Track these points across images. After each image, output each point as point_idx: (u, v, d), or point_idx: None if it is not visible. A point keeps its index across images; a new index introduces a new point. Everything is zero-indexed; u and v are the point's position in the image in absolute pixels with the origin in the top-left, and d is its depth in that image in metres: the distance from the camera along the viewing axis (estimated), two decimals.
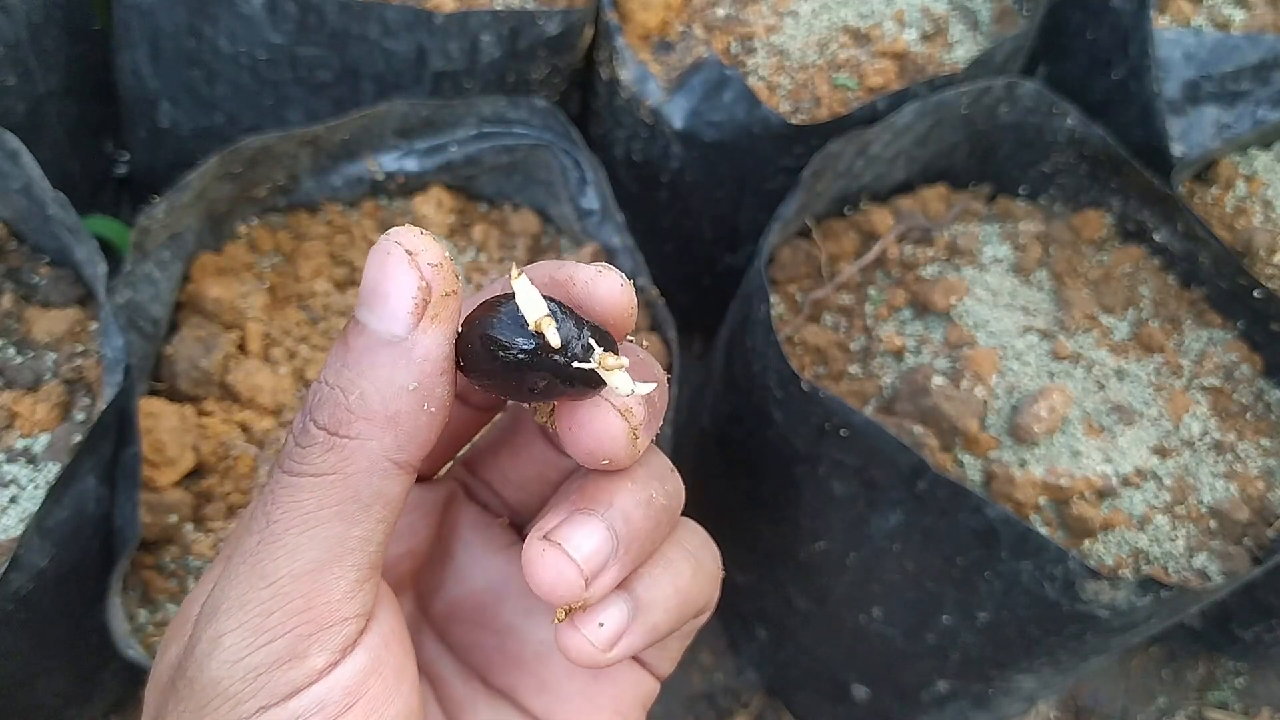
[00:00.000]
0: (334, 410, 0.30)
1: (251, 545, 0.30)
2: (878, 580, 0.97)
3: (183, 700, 0.30)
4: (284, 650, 0.29)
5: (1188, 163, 1.14)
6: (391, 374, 0.30)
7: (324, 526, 0.30)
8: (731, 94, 1.09)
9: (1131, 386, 1.01)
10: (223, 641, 0.29)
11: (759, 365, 0.98)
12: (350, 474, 0.30)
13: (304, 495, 0.30)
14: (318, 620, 0.30)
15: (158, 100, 1.13)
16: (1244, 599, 1.18)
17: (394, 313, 0.30)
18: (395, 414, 0.30)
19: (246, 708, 0.29)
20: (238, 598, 0.30)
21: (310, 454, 0.30)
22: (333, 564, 0.30)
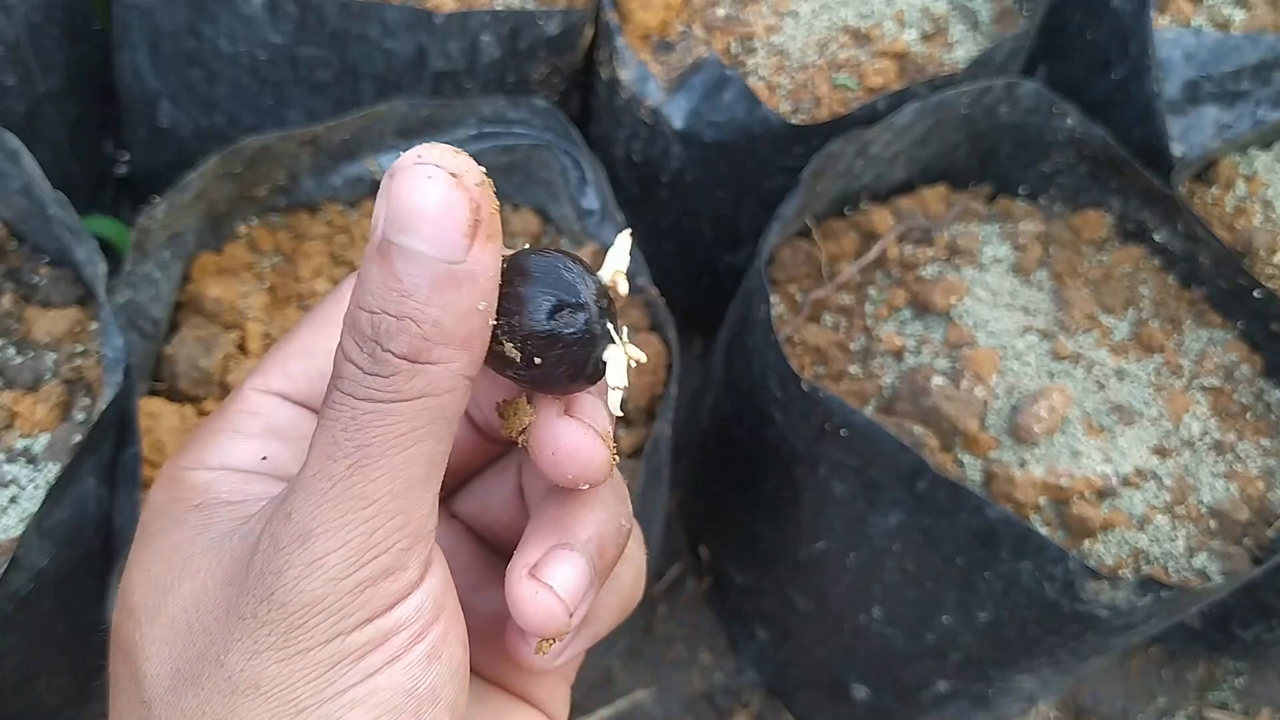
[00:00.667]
0: (410, 340, 0.30)
1: (340, 471, 0.30)
2: (878, 580, 0.97)
3: (263, 625, 0.31)
4: (389, 563, 0.31)
5: (1188, 163, 1.14)
6: (459, 297, 0.30)
7: (417, 447, 0.31)
8: (731, 94, 1.09)
9: (1131, 386, 1.01)
10: (326, 562, 0.30)
11: (759, 365, 0.98)
12: (439, 394, 0.31)
13: (395, 419, 0.30)
14: (413, 534, 0.32)
15: (158, 100, 1.13)
16: (1244, 599, 1.18)
17: (451, 239, 0.30)
18: (470, 335, 0.31)
19: (352, 620, 0.31)
20: (337, 520, 0.30)
21: (396, 381, 0.30)
22: (424, 480, 0.32)
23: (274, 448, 0.38)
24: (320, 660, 0.31)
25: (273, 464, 0.38)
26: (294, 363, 0.39)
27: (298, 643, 0.31)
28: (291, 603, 0.30)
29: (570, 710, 0.45)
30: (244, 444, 0.38)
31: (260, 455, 0.38)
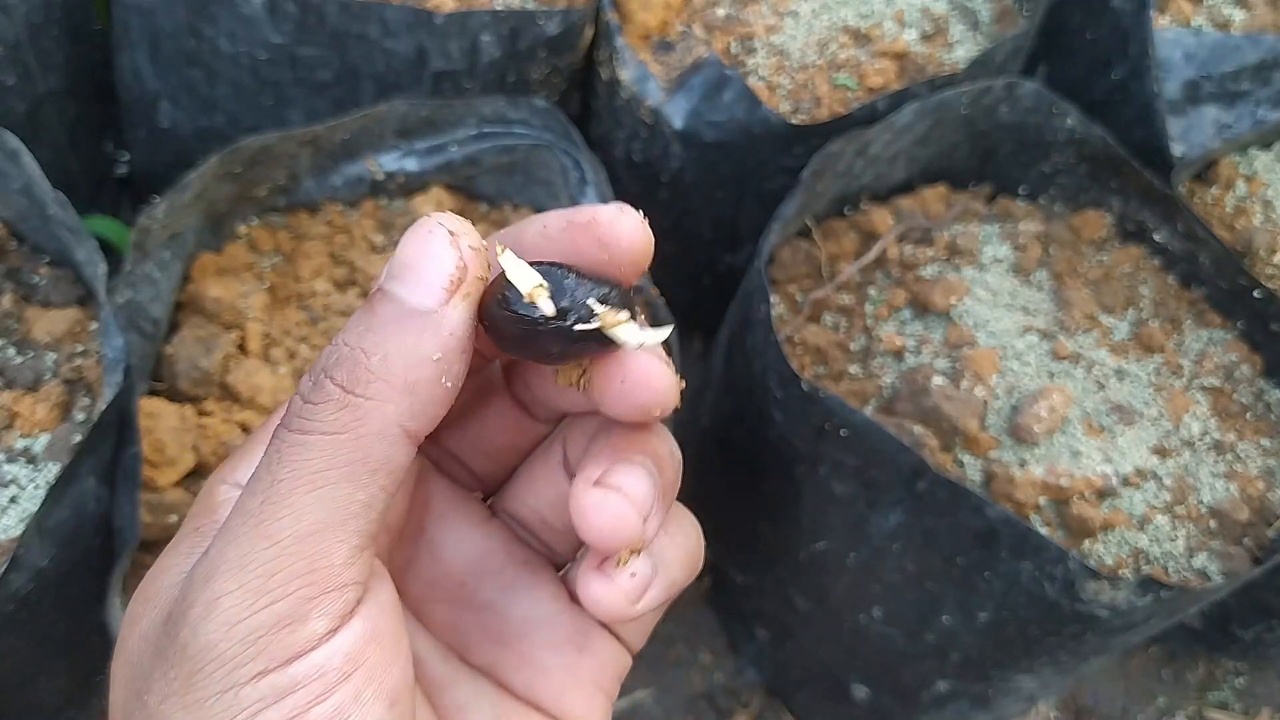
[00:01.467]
0: (353, 369, 0.30)
1: (254, 506, 0.29)
2: (878, 580, 0.97)
3: (172, 667, 0.29)
4: (285, 613, 0.29)
5: (1188, 163, 1.14)
6: (418, 342, 0.30)
7: (331, 488, 0.30)
8: (731, 94, 1.09)
9: (1131, 386, 1.01)
10: (221, 603, 0.29)
11: (759, 365, 0.98)
12: (361, 435, 0.30)
13: (312, 454, 0.30)
14: (320, 584, 0.30)
15: (158, 100, 1.13)
16: (1244, 599, 1.18)
17: (428, 286, 0.30)
18: (415, 381, 0.30)
19: (244, 672, 0.29)
20: (237, 558, 0.29)
21: (322, 411, 0.30)
22: (337, 527, 0.30)
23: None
24: (215, 712, 0.29)
25: None
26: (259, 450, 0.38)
27: (196, 689, 0.29)
28: (190, 645, 0.29)
29: None
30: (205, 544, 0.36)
31: None
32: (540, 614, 0.41)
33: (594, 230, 0.34)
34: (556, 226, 0.34)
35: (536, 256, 0.33)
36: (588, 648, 0.41)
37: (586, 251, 0.34)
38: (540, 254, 0.34)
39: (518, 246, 0.34)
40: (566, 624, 0.41)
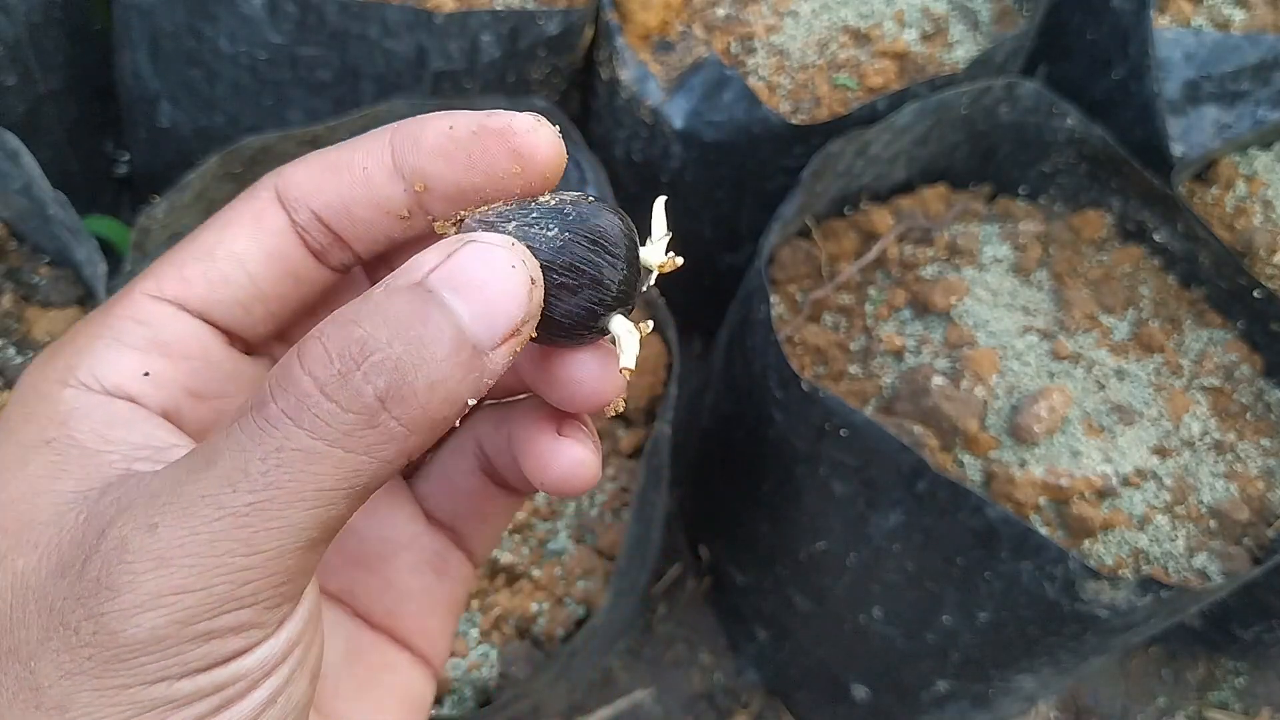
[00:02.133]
0: (397, 386, 0.27)
1: (238, 504, 0.26)
2: (878, 580, 0.97)
3: (85, 645, 0.26)
4: (248, 619, 0.27)
5: (1188, 163, 1.14)
6: (462, 380, 0.28)
7: (330, 508, 0.27)
8: (731, 94, 1.09)
9: (1131, 386, 1.01)
10: (179, 600, 0.26)
11: (759, 365, 0.98)
12: (380, 460, 0.28)
13: (323, 469, 0.27)
14: (286, 593, 0.28)
15: (158, 100, 1.13)
16: (1244, 599, 1.18)
17: (492, 326, 0.28)
18: (442, 420, 0.28)
19: (187, 666, 0.27)
20: (210, 559, 0.26)
21: (349, 422, 0.27)
22: (321, 544, 0.28)
23: (158, 365, 0.32)
24: (139, 700, 0.26)
25: (153, 384, 0.32)
26: (192, 265, 0.33)
27: (119, 676, 0.26)
28: (124, 632, 0.26)
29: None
30: (123, 356, 0.32)
31: (141, 370, 0.32)
32: (400, 536, 0.39)
33: (509, 139, 0.31)
34: (465, 129, 0.32)
35: (438, 158, 0.32)
36: (446, 571, 0.40)
37: (496, 161, 0.32)
38: (443, 156, 0.32)
39: (416, 146, 0.32)
40: (426, 546, 0.40)
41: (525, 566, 0.92)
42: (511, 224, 0.31)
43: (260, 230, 0.33)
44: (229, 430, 0.28)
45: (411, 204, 0.33)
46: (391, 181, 0.33)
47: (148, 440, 0.31)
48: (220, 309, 0.33)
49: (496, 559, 0.92)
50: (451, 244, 0.29)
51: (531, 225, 0.31)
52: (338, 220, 0.34)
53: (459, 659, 0.87)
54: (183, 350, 0.33)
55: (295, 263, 0.34)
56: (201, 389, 0.33)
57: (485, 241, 0.29)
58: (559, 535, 0.95)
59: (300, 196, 0.33)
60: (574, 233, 0.31)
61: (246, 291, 0.33)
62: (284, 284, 0.34)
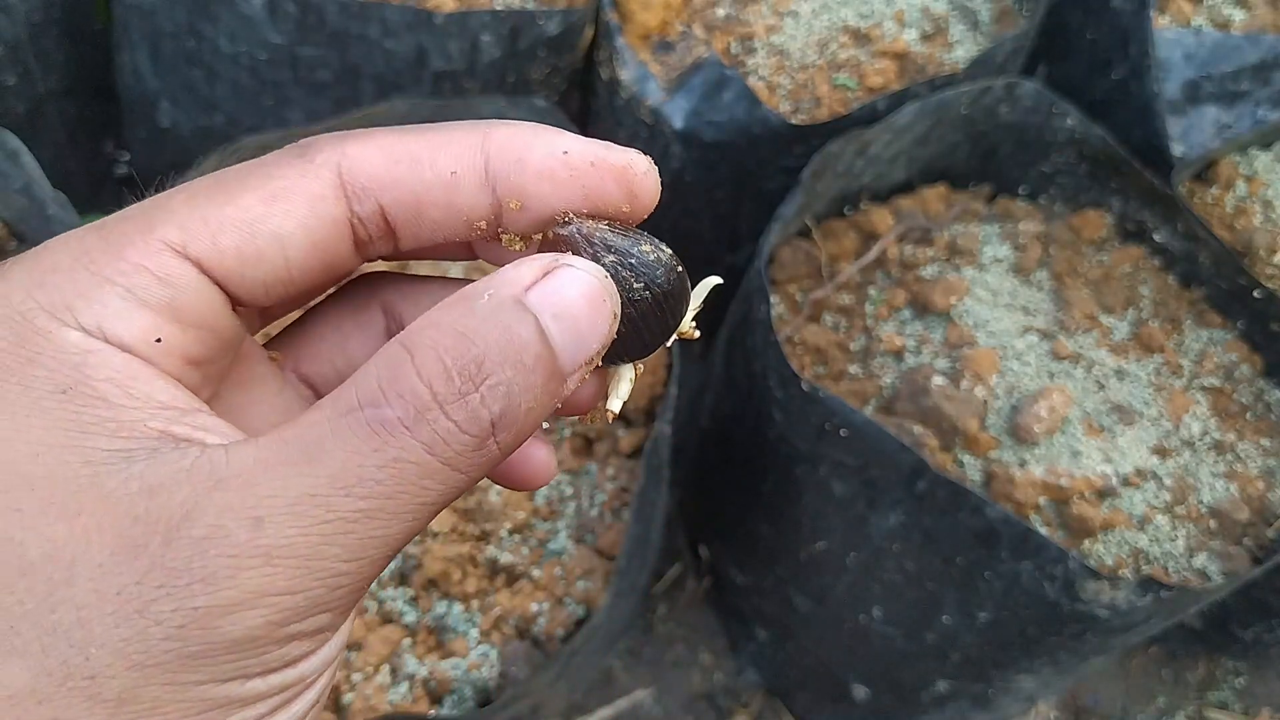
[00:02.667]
0: (509, 415, 0.27)
1: (349, 511, 0.26)
2: (878, 580, 0.97)
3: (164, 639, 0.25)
4: (325, 624, 0.27)
5: (1188, 163, 1.14)
6: (548, 405, 0.29)
7: (421, 521, 0.28)
8: (731, 94, 1.09)
9: (1131, 386, 1.01)
10: (279, 602, 0.26)
11: (759, 365, 0.98)
12: (472, 478, 0.28)
13: (431, 483, 0.27)
14: (354, 601, 0.28)
15: (158, 100, 1.13)
16: (1244, 599, 1.18)
17: (577, 354, 0.29)
18: (520, 444, 0.29)
19: (264, 664, 0.26)
20: (314, 563, 0.26)
21: (465, 444, 0.27)
22: (398, 552, 0.28)
23: (171, 331, 0.29)
24: (210, 697, 0.26)
25: (164, 350, 0.29)
26: (229, 234, 0.30)
27: (196, 672, 0.25)
28: (219, 629, 0.25)
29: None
30: (138, 314, 0.28)
31: (154, 335, 0.29)
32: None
33: (628, 177, 0.32)
34: (582, 159, 0.31)
35: (545, 181, 0.31)
36: None
37: (607, 195, 0.32)
38: (550, 180, 0.31)
39: (521, 165, 0.31)
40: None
41: (525, 566, 0.92)
42: (611, 256, 0.31)
43: (314, 217, 0.31)
44: (332, 425, 0.27)
45: (491, 216, 0.32)
46: (481, 192, 0.32)
47: (172, 401, 0.28)
48: (243, 284, 0.31)
49: (496, 559, 0.92)
50: (547, 262, 0.29)
51: (626, 268, 0.32)
52: (404, 216, 0.32)
53: (459, 659, 0.87)
54: (197, 320, 0.30)
55: (334, 254, 0.32)
56: (200, 356, 0.31)
57: (583, 270, 0.29)
58: (559, 535, 0.95)
59: (370, 187, 0.31)
60: (654, 296, 0.32)
61: (277, 275, 0.31)
62: (314, 273, 0.32)
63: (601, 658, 1.22)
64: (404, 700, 0.85)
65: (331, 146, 0.31)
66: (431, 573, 0.89)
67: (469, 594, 0.90)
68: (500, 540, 0.93)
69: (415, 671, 0.86)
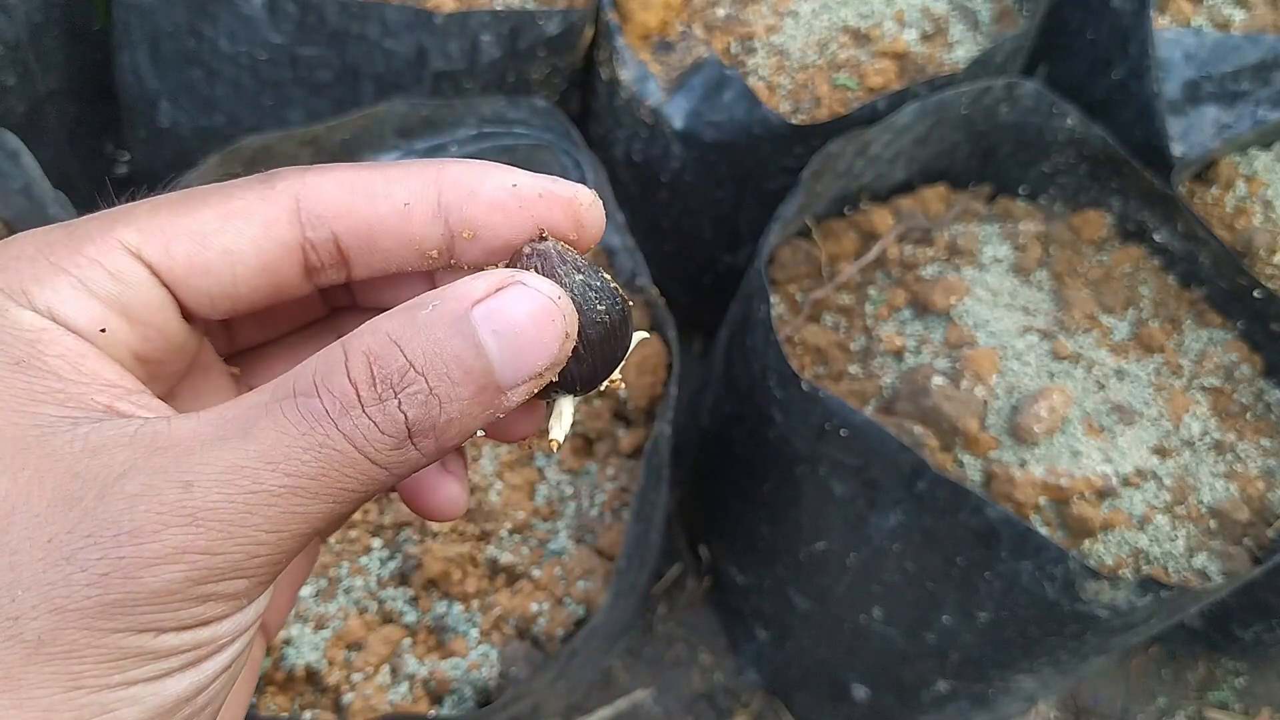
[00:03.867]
0: (425, 417, 0.29)
1: (273, 484, 0.28)
2: (878, 580, 0.97)
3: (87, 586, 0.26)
4: (242, 589, 0.29)
5: (1188, 163, 1.14)
6: (479, 416, 0.30)
7: (343, 506, 0.29)
8: (731, 94, 1.09)
9: (1131, 386, 1.01)
10: (199, 561, 0.27)
11: (759, 365, 0.98)
12: (394, 474, 0.30)
13: (352, 471, 0.29)
14: (275, 573, 0.30)
15: (158, 100, 1.13)
16: (1244, 599, 1.18)
17: (519, 370, 0.30)
18: (450, 449, 0.30)
19: (179, 620, 0.28)
20: (237, 527, 0.28)
21: (383, 443, 0.29)
22: (320, 533, 0.30)
23: (117, 324, 0.31)
24: (123, 646, 0.27)
25: (109, 340, 0.31)
26: (182, 243, 0.32)
27: (113, 620, 0.27)
28: (140, 579, 0.26)
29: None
30: (86, 303, 0.31)
31: (100, 325, 0.31)
32: None
33: (575, 208, 0.34)
34: (530, 191, 0.33)
35: (495, 212, 0.33)
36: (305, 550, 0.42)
37: (555, 224, 0.34)
38: (501, 211, 0.33)
39: (473, 197, 0.33)
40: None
41: (525, 566, 0.92)
42: (580, 275, 0.33)
43: (267, 238, 0.33)
44: (268, 407, 0.29)
45: (443, 246, 0.34)
46: (433, 222, 0.33)
47: (118, 380, 0.31)
48: (190, 292, 0.33)
49: (496, 559, 0.92)
50: (502, 279, 0.30)
51: (592, 290, 0.33)
52: (357, 245, 0.34)
53: (459, 659, 0.87)
54: (143, 317, 0.32)
55: (284, 277, 0.34)
56: (147, 354, 0.33)
57: (535, 287, 0.30)
58: (559, 535, 0.95)
59: (325, 215, 0.33)
60: (611, 320, 0.33)
61: (224, 289, 0.33)
62: (262, 293, 0.34)
63: (601, 658, 1.22)
64: (404, 700, 0.85)
65: (293, 176, 0.34)
66: (431, 573, 0.89)
67: (469, 594, 0.90)
68: (500, 540, 0.93)
69: (415, 671, 0.86)
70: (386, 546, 0.92)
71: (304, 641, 0.86)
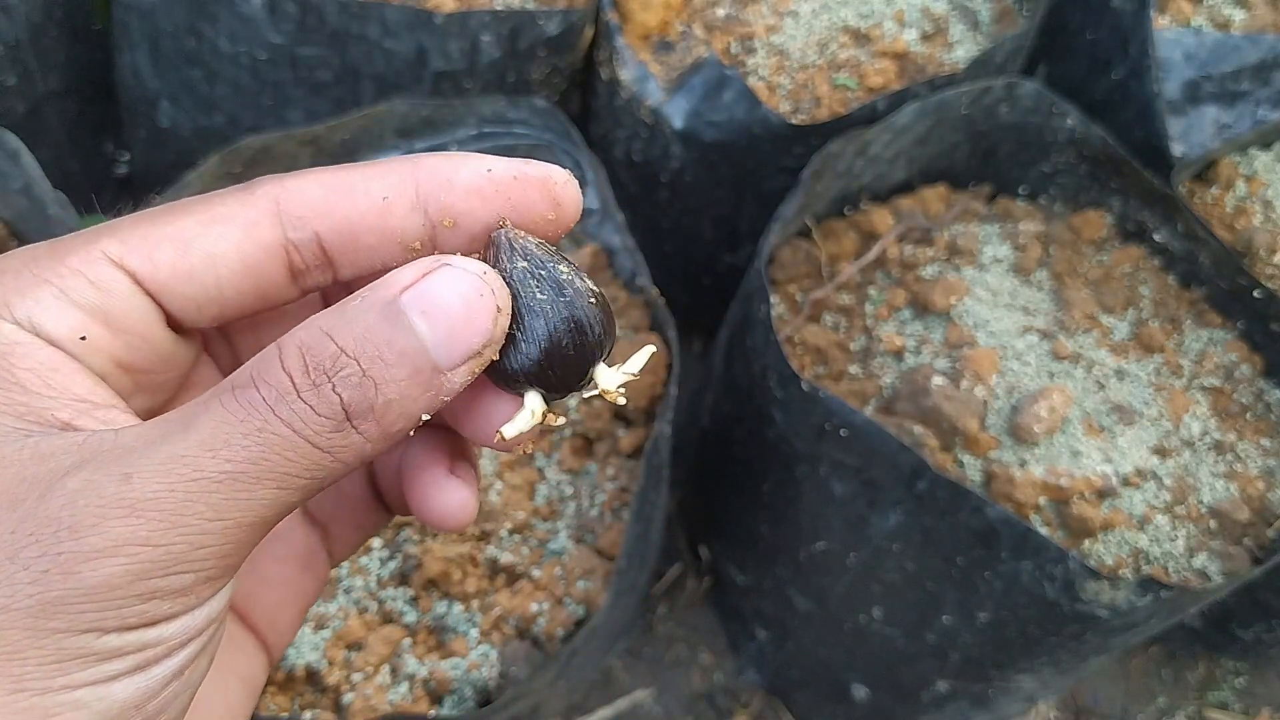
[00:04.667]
0: (361, 399, 0.29)
1: (214, 472, 0.28)
2: (878, 580, 0.97)
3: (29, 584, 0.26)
4: (188, 584, 0.28)
5: (1188, 163, 1.14)
6: (419, 398, 0.30)
7: (290, 493, 0.29)
8: (731, 94, 1.09)
9: (1131, 386, 1.01)
10: (140, 554, 0.27)
11: (759, 365, 0.98)
12: (340, 460, 0.30)
13: (293, 455, 0.29)
14: (230, 566, 0.29)
15: (158, 100, 1.13)
16: (1244, 599, 1.18)
17: (453, 349, 0.30)
18: (396, 433, 0.30)
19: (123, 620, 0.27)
20: (179, 518, 0.27)
21: (321, 426, 0.29)
22: (268, 526, 0.30)
23: (98, 331, 0.32)
24: (65, 647, 0.27)
25: (87, 348, 0.32)
26: (164, 249, 0.33)
27: (55, 619, 0.26)
28: (79, 574, 0.26)
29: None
30: (66, 311, 0.31)
31: (80, 333, 0.32)
32: (277, 526, 0.39)
33: (550, 188, 0.34)
34: (504, 174, 0.34)
35: (473, 197, 0.33)
36: (311, 568, 0.41)
37: (532, 204, 0.34)
38: (479, 195, 0.33)
39: (450, 185, 0.33)
40: (299, 541, 0.41)
41: (525, 566, 0.92)
42: (523, 262, 0.33)
43: (249, 241, 0.33)
44: (207, 403, 0.29)
45: (426, 237, 0.34)
46: (413, 214, 0.34)
47: (87, 395, 0.31)
48: (175, 299, 0.33)
49: (496, 559, 0.92)
50: (428, 264, 0.31)
51: (534, 276, 0.33)
52: (339, 243, 0.34)
53: (459, 659, 0.87)
54: (125, 325, 0.33)
55: (269, 280, 0.34)
56: (131, 363, 0.33)
57: (459, 266, 0.31)
58: (559, 535, 0.95)
59: (306, 215, 0.34)
60: (555, 310, 0.33)
61: (208, 293, 0.33)
62: (247, 297, 0.34)
63: (601, 658, 1.22)
64: (404, 700, 0.85)
65: (273, 181, 0.34)
66: (431, 573, 0.89)
67: (469, 594, 0.90)
68: (500, 540, 0.93)
69: (415, 671, 0.86)
70: (386, 546, 0.92)
71: (304, 641, 0.86)
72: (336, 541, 0.42)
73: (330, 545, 0.42)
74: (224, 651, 0.38)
